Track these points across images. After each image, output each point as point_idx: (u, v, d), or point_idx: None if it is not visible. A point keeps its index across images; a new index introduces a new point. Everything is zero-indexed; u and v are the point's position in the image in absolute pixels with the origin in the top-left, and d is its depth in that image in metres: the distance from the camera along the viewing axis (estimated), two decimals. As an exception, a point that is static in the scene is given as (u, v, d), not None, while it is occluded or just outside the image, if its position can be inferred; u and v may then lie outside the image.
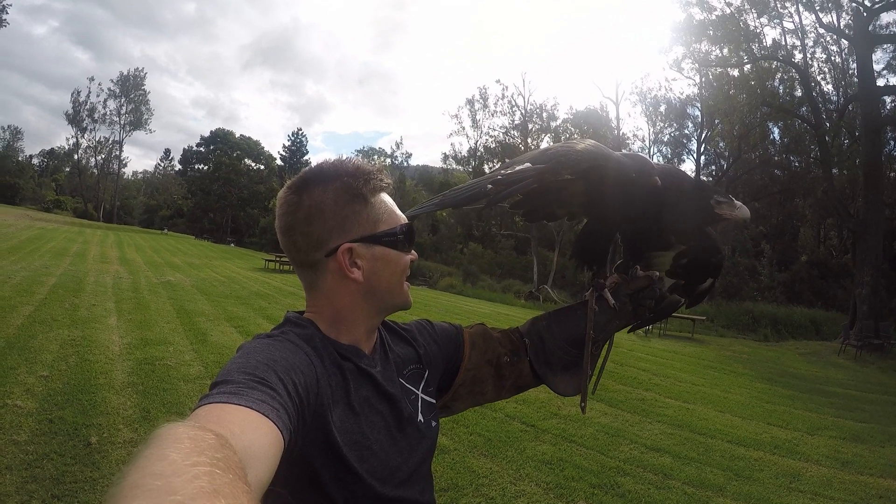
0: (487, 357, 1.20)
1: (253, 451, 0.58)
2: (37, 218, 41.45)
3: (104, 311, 9.04)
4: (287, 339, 0.85)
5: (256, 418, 0.63)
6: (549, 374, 1.23)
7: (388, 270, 0.95)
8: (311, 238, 0.91)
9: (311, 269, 0.94)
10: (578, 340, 1.22)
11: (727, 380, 9.64)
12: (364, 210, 0.93)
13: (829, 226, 31.67)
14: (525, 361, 1.23)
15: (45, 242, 21.96)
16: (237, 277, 18.24)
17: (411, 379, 1.04)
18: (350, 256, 0.91)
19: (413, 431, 0.97)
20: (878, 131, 17.49)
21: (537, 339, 1.25)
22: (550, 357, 1.23)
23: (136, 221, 74.17)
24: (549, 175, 1.05)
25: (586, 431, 5.59)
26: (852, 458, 5.63)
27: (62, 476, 3.50)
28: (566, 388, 1.24)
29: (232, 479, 0.45)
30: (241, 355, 0.77)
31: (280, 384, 0.71)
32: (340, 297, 0.93)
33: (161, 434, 0.49)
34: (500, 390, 1.24)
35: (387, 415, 0.93)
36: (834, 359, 13.86)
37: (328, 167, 0.96)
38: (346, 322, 0.94)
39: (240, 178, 62.75)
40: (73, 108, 67.15)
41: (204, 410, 0.62)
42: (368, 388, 0.92)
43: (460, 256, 38.75)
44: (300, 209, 0.92)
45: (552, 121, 44.61)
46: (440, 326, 1.20)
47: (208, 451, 0.48)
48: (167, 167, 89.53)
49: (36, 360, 5.79)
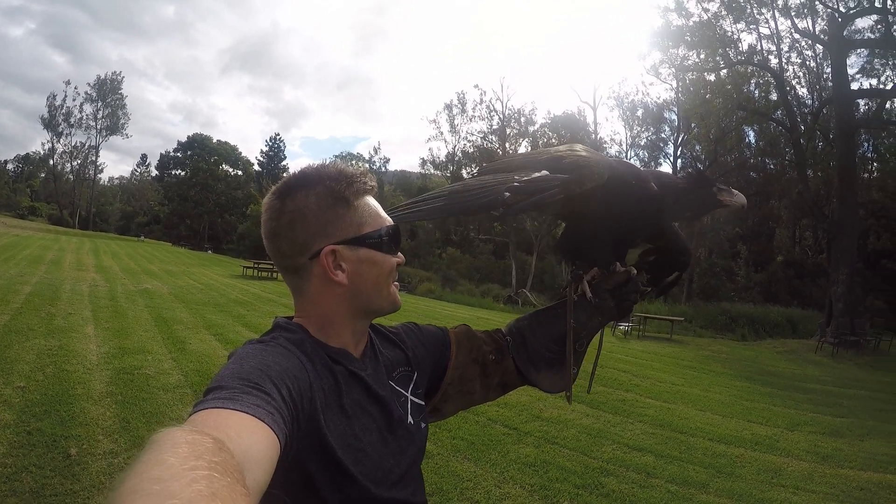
0: (473, 356, 1.21)
1: (250, 455, 0.58)
2: (11, 225, 40.62)
3: (81, 319, 8.89)
4: (278, 344, 0.85)
5: (253, 423, 0.63)
6: (532, 372, 1.25)
7: (373, 272, 0.94)
8: (295, 243, 0.91)
9: (296, 273, 0.94)
10: (561, 338, 1.24)
11: (706, 379, 9.76)
12: (347, 213, 0.93)
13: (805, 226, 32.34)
14: (509, 359, 1.25)
15: (21, 250, 21.59)
16: (215, 285, 18.04)
17: (400, 381, 1.05)
18: (334, 259, 0.91)
19: (403, 433, 0.97)
20: (852, 134, 17.84)
21: (520, 338, 1.27)
22: (533, 355, 1.25)
23: (113, 228, 72.96)
24: (574, 186, 1.04)
25: (568, 433, 5.62)
26: (832, 452, 5.74)
27: (42, 489, 3.43)
28: (551, 385, 1.26)
29: (230, 483, 0.45)
30: (234, 361, 0.76)
31: (274, 389, 0.71)
32: (326, 300, 0.93)
33: (158, 439, 0.49)
34: (488, 389, 1.25)
35: (378, 417, 0.93)
36: (811, 356, 14.10)
37: (311, 172, 0.96)
38: (334, 326, 0.94)
39: (217, 184, 62.29)
40: (48, 113, 65.77)
41: (200, 416, 0.62)
42: (359, 390, 0.92)
43: (439, 261, 38.77)
44: (284, 214, 0.92)
45: (530, 125, 44.89)
46: (427, 329, 1.21)
47: (206, 454, 0.48)
48: (144, 173, 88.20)
49: (12, 371, 5.67)
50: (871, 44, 19.78)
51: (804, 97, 24.83)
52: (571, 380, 1.25)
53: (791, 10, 19.57)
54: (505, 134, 44.79)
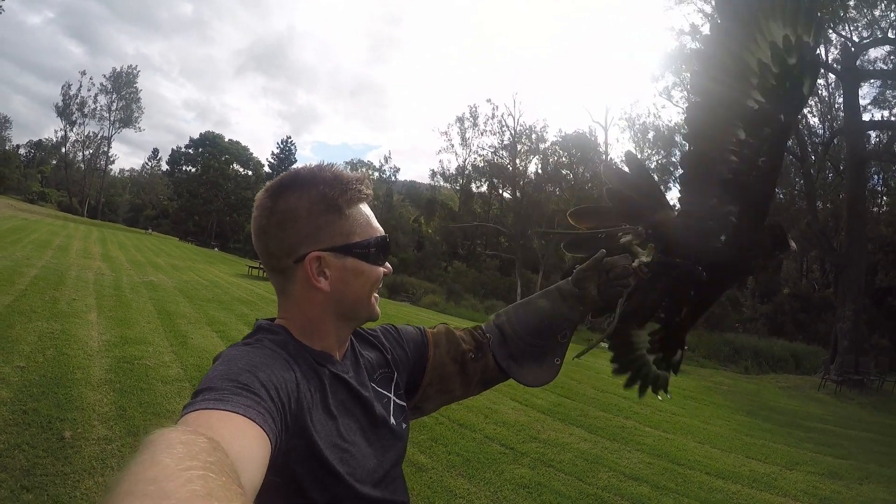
0: (452, 355, 1.22)
1: (244, 454, 0.59)
2: (20, 209, 40.96)
3: (84, 306, 8.90)
4: (263, 345, 0.85)
5: (244, 423, 0.64)
6: (513, 367, 1.25)
7: (358, 282, 0.94)
8: (283, 244, 0.91)
9: (281, 274, 0.94)
10: (540, 331, 1.24)
11: (707, 411, 9.67)
12: (338, 221, 0.92)
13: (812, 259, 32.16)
14: (489, 356, 1.25)
15: (29, 234, 21.64)
16: (220, 282, 18.06)
17: (381, 383, 1.05)
18: (318, 265, 0.91)
19: (386, 434, 0.98)
20: (863, 165, 17.74)
21: (499, 333, 1.27)
22: (514, 350, 1.25)
23: (121, 219, 73.47)
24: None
25: (565, 457, 5.55)
26: (830, 495, 5.65)
27: (33, 468, 3.42)
28: (535, 378, 1.25)
29: (225, 482, 0.46)
30: (222, 363, 0.77)
31: (263, 390, 0.72)
32: (309, 305, 0.93)
33: (153, 439, 0.49)
34: (468, 387, 1.25)
35: (361, 418, 0.94)
36: (814, 393, 13.98)
37: (306, 173, 0.95)
38: (316, 330, 0.94)
39: (227, 183, 62.66)
40: (63, 101, 66.66)
41: (191, 417, 0.62)
42: (343, 392, 0.93)
43: (444, 274, 38.89)
44: (274, 214, 0.92)
45: (541, 143, 45.05)
46: (405, 330, 1.22)
47: (201, 454, 0.48)
48: (154, 167, 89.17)
49: (13, 351, 5.68)
50: (885, 75, 19.81)
51: (815, 127, 24.85)
52: (556, 370, 1.26)
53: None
54: (516, 150, 44.94)
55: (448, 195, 53.37)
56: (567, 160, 44.79)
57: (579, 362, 1.90)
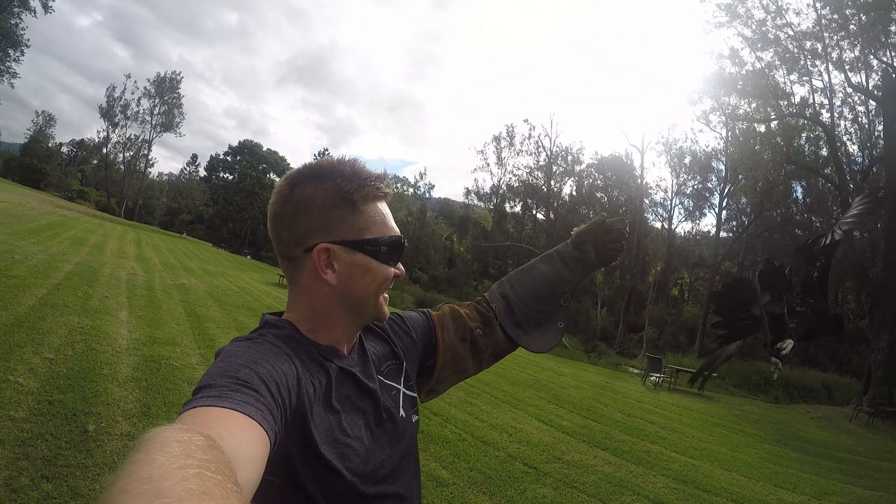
0: (461, 334, 1.24)
1: (241, 452, 0.59)
2: (59, 205, 41.98)
3: (116, 304, 9.06)
4: (266, 340, 0.85)
5: (242, 420, 0.63)
6: (521, 335, 1.28)
7: (365, 279, 0.94)
8: (294, 232, 0.92)
9: (291, 262, 0.94)
10: (543, 295, 1.29)
11: (735, 438, 9.44)
12: (351, 215, 0.92)
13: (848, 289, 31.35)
14: (497, 328, 1.27)
15: (66, 230, 22.12)
16: (251, 289, 18.23)
17: (390, 375, 1.05)
18: (326, 257, 0.91)
19: (395, 427, 0.98)
20: (901, 194, 17.23)
21: (504, 302, 1.29)
22: (520, 318, 1.28)
23: (157, 222, 75.12)
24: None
25: (589, 479, 5.44)
26: (861, 529, 5.44)
27: (55, 458, 3.45)
28: (540, 345, 1.29)
29: (221, 481, 0.45)
30: (222, 359, 0.76)
31: (262, 386, 0.71)
32: (316, 297, 0.93)
33: (149, 438, 0.49)
34: (481, 362, 1.28)
35: (368, 412, 0.94)
36: (845, 424, 13.54)
37: (326, 165, 0.95)
38: (323, 324, 0.93)
39: (263, 192, 63.68)
40: (107, 103, 68.88)
41: (189, 415, 0.62)
42: (350, 386, 0.92)
43: (474, 293, 38.71)
44: (289, 202, 0.92)
45: (577, 164, 44.91)
46: (410, 317, 1.21)
47: (197, 453, 0.48)
48: (192, 172, 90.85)
49: (43, 342, 5.78)
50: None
51: (854, 154, 24.26)
52: (560, 334, 1.31)
53: (845, 63, 19.24)
54: (551, 171, 44.87)
55: (481, 214, 53.48)
56: (602, 183, 44.59)
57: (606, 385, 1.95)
